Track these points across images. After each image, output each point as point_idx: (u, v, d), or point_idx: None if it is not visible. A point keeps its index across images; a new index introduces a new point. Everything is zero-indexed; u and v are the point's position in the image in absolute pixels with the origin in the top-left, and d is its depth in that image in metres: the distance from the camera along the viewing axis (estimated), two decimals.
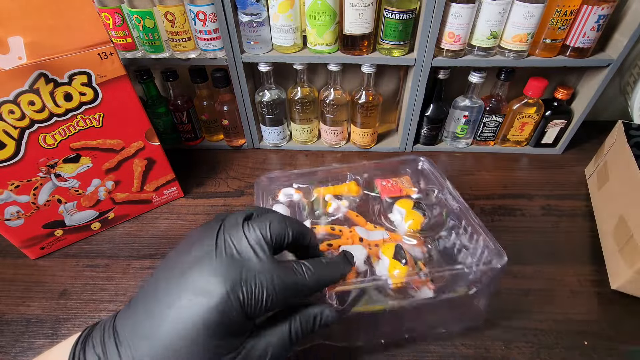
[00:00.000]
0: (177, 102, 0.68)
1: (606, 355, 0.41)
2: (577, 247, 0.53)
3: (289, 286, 0.25)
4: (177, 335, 0.22)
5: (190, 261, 0.24)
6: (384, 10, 0.56)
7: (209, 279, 0.23)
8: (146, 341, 0.22)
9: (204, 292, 0.23)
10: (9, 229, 0.48)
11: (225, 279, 0.23)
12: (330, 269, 0.29)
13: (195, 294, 0.23)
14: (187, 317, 0.22)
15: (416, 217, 0.43)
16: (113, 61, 0.45)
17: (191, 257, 0.25)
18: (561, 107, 0.66)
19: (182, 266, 0.24)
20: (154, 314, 0.23)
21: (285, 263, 0.27)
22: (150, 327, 0.23)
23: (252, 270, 0.24)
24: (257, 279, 0.24)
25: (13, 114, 0.41)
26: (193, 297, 0.23)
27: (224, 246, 0.25)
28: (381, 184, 0.48)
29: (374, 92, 0.66)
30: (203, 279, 0.23)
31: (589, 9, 0.54)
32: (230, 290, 0.23)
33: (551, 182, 0.65)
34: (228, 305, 0.23)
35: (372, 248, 0.40)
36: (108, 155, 0.51)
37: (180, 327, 0.22)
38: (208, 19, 0.56)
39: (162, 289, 0.24)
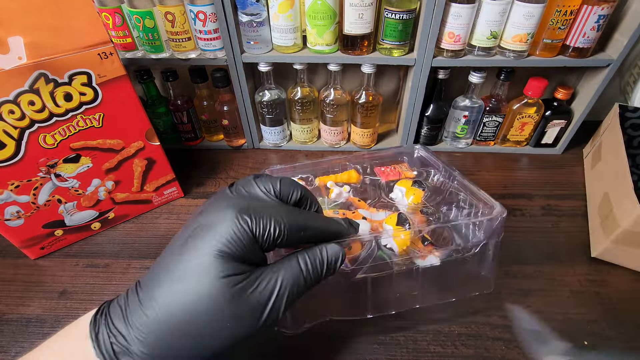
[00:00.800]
0: (177, 102, 0.68)
1: (606, 356, 0.41)
2: (578, 247, 0.53)
3: (298, 222, 0.26)
4: (189, 264, 0.23)
5: (208, 203, 0.27)
6: (384, 10, 0.56)
7: (220, 209, 0.25)
8: (163, 275, 0.23)
9: (214, 220, 0.24)
10: (9, 229, 0.48)
11: (235, 205, 0.24)
12: (336, 222, 0.30)
13: (207, 223, 0.24)
14: (199, 244, 0.23)
15: (416, 193, 0.45)
16: (113, 61, 0.45)
17: (209, 201, 0.27)
18: (561, 107, 0.66)
19: (200, 209, 0.27)
20: (174, 258, 0.24)
21: (292, 207, 0.28)
22: (168, 264, 0.24)
23: (261, 205, 0.26)
24: (265, 212, 0.25)
25: (13, 114, 0.41)
26: (205, 226, 0.24)
27: (235, 190, 0.27)
28: (380, 170, 0.49)
29: (374, 92, 0.66)
30: (215, 212, 0.25)
31: (589, 9, 0.54)
32: (238, 214, 0.24)
33: (551, 182, 0.65)
34: (237, 228, 0.23)
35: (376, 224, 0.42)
36: (108, 155, 0.51)
37: (192, 256, 0.23)
38: (208, 19, 0.56)
39: (182, 231, 0.26)
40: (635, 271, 0.49)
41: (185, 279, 0.23)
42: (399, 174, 0.48)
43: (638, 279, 0.49)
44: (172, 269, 0.23)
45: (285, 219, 0.25)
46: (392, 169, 0.49)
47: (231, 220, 0.24)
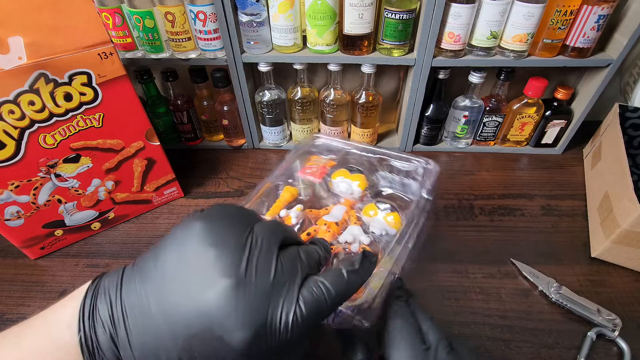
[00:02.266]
0: (177, 102, 0.68)
1: (606, 355, 0.41)
2: (578, 247, 0.53)
3: (312, 317, 0.23)
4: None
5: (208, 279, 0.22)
6: (384, 10, 0.56)
7: (235, 318, 0.21)
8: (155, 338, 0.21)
9: (228, 335, 0.21)
10: (9, 229, 0.48)
11: (252, 322, 0.21)
12: (353, 280, 0.26)
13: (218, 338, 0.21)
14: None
15: (359, 177, 0.46)
16: (113, 61, 0.45)
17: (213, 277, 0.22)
18: (561, 107, 0.66)
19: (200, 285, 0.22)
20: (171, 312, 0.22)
21: (313, 292, 0.24)
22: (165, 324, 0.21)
23: (279, 306, 0.22)
24: (283, 317, 0.22)
25: (13, 114, 0.41)
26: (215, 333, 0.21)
27: (254, 264, 0.22)
28: (305, 173, 0.48)
29: (374, 92, 0.66)
30: (228, 317, 0.21)
31: (589, 9, 0.54)
32: (255, 336, 0.21)
33: (551, 182, 0.65)
34: (250, 350, 0.21)
35: (352, 220, 0.43)
36: (108, 155, 0.51)
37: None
38: (208, 19, 0.56)
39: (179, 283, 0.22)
40: (635, 271, 0.49)
41: None
42: (324, 168, 0.48)
43: (638, 279, 0.49)
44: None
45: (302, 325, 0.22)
46: (315, 168, 0.48)
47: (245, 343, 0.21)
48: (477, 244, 0.54)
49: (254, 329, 0.21)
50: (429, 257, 0.52)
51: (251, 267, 0.22)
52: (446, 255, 0.52)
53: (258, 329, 0.21)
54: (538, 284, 0.47)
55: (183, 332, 0.21)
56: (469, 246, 0.54)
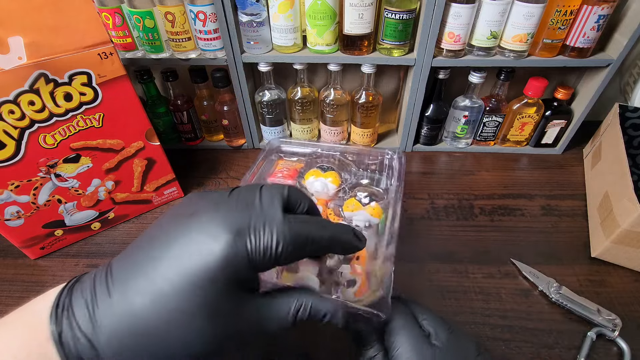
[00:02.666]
0: (177, 102, 0.68)
1: (606, 355, 0.41)
2: (578, 247, 0.53)
3: (301, 235, 0.24)
4: (177, 278, 0.21)
5: (202, 205, 0.24)
6: (384, 10, 0.56)
7: (217, 223, 0.22)
8: (143, 280, 0.21)
9: (210, 236, 0.22)
10: (9, 229, 0.48)
11: (233, 223, 0.22)
12: (345, 229, 0.28)
13: (201, 238, 0.22)
14: (189, 259, 0.21)
15: (332, 175, 0.47)
16: (113, 61, 0.45)
17: (203, 202, 0.24)
18: (561, 107, 0.66)
19: (193, 208, 0.24)
20: (154, 255, 0.22)
21: (298, 216, 0.25)
22: (151, 268, 0.21)
23: (262, 217, 0.23)
24: (267, 226, 0.23)
25: (13, 114, 0.41)
26: (198, 240, 0.22)
27: (237, 196, 0.24)
28: (276, 177, 0.49)
29: (374, 92, 0.66)
30: (211, 223, 0.22)
31: (589, 9, 0.54)
32: (237, 235, 0.22)
33: (551, 182, 0.65)
34: (233, 251, 0.21)
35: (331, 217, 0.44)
36: (108, 155, 0.51)
37: (180, 268, 0.21)
38: (208, 19, 0.56)
39: (168, 230, 0.23)
40: (635, 271, 0.49)
41: (175, 285, 0.21)
42: (295, 171, 0.49)
43: (638, 279, 0.49)
44: (151, 274, 0.21)
45: (288, 236, 0.23)
46: (286, 171, 0.49)
47: (227, 241, 0.21)
48: (477, 244, 0.54)
49: (235, 229, 0.22)
50: (429, 257, 0.52)
51: (234, 195, 0.25)
52: (446, 255, 0.52)
53: (240, 230, 0.22)
54: (538, 284, 0.47)
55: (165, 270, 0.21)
56: (469, 246, 0.54)
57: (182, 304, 0.21)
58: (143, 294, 0.21)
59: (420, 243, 0.54)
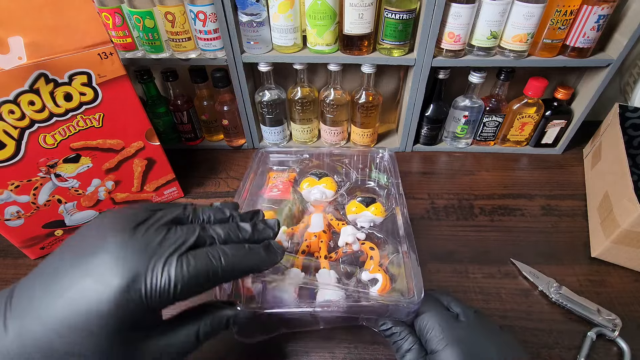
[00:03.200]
0: (177, 102, 0.68)
1: (606, 355, 0.41)
2: (578, 247, 0.53)
3: (200, 274, 0.24)
4: (69, 320, 0.21)
5: (107, 241, 0.23)
6: (384, 10, 0.56)
7: (113, 269, 0.22)
8: (37, 319, 0.21)
9: (103, 284, 0.21)
10: (9, 229, 0.48)
11: (129, 269, 0.22)
12: (251, 256, 0.27)
13: (94, 285, 0.21)
14: (82, 303, 0.21)
15: (327, 181, 0.47)
16: (113, 61, 0.45)
17: (108, 237, 0.23)
18: (561, 107, 0.66)
19: (97, 241, 0.23)
20: (50, 290, 0.22)
21: (199, 253, 0.25)
22: (45, 305, 0.21)
23: (162, 260, 0.23)
24: (164, 270, 0.23)
25: (13, 114, 0.41)
26: (91, 286, 0.21)
27: (144, 232, 0.24)
28: (271, 193, 0.48)
29: (374, 92, 0.66)
30: (108, 268, 0.22)
31: (589, 9, 0.54)
32: (131, 281, 0.22)
33: (551, 182, 0.65)
34: (125, 297, 0.21)
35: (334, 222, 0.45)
36: (108, 155, 0.51)
37: (73, 312, 0.21)
38: (208, 19, 0.56)
39: (66, 264, 0.23)
40: (635, 271, 0.49)
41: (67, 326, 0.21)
42: (289, 184, 0.49)
43: (638, 279, 0.49)
44: (54, 302, 0.21)
45: (186, 276, 0.23)
46: (281, 185, 0.49)
47: (120, 288, 0.21)
48: (477, 244, 0.54)
49: (130, 276, 0.22)
50: (429, 257, 0.52)
51: (140, 230, 0.24)
52: (446, 255, 0.52)
53: (136, 276, 0.22)
54: (538, 284, 0.47)
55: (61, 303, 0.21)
56: (469, 246, 0.54)
57: (74, 347, 0.21)
58: (35, 336, 0.21)
59: (420, 243, 0.54)
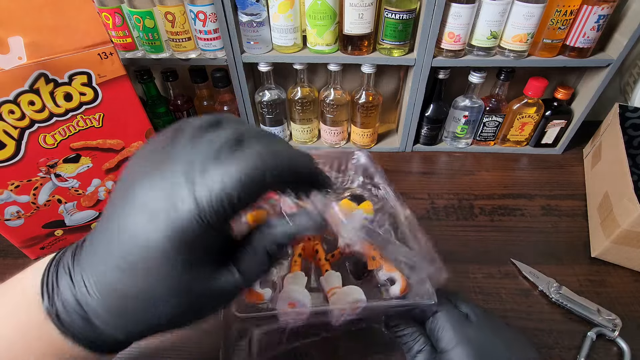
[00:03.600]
0: (177, 102, 0.68)
1: (606, 355, 0.41)
2: (578, 247, 0.53)
3: (258, 168, 0.20)
4: (132, 252, 0.19)
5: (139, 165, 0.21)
6: (384, 10, 0.56)
7: (159, 194, 0.19)
8: (99, 259, 0.21)
9: (150, 211, 0.19)
10: (9, 229, 0.48)
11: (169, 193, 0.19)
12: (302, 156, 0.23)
13: (149, 210, 0.19)
14: (141, 235, 0.19)
15: (365, 205, 0.46)
16: (113, 61, 0.45)
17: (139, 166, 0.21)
18: (561, 107, 0.66)
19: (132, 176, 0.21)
20: (110, 227, 0.21)
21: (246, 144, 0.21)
22: (106, 244, 0.21)
23: (210, 156, 0.20)
24: (209, 172, 0.19)
25: (13, 114, 0.41)
26: (146, 213, 0.19)
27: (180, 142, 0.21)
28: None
29: (374, 92, 0.66)
30: (154, 194, 0.19)
31: (589, 9, 0.54)
32: (178, 202, 0.19)
33: (551, 182, 0.65)
34: (179, 222, 0.19)
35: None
36: (108, 155, 0.51)
37: (134, 244, 0.19)
38: (208, 19, 0.56)
39: (119, 202, 0.21)
40: (635, 271, 0.49)
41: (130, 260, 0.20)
42: None
43: (638, 279, 0.49)
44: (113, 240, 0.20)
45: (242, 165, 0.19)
46: None
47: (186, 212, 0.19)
48: (477, 244, 0.54)
49: (174, 191, 0.19)
50: None
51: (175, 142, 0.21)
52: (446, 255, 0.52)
53: (178, 190, 0.19)
54: (538, 284, 0.47)
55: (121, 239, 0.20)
56: (469, 246, 0.54)
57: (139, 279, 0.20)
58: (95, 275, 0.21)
59: None
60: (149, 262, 0.19)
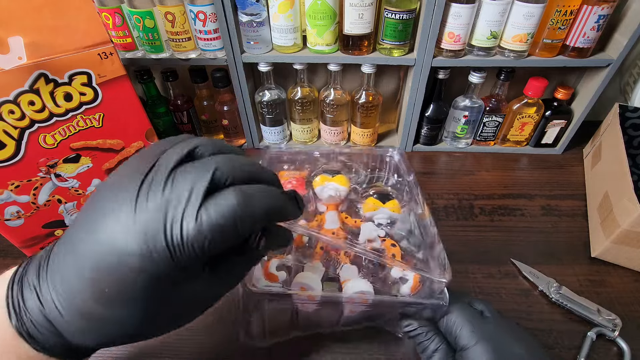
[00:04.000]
0: (177, 102, 0.68)
1: (606, 355, 0.41)
2: (578, 247, 0.53)
3: (225, 223, 0.20)
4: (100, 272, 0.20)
5: (110, 199, 0.21)
6: (384, 10, 0.56)
7: (125, 234, 0.19)
8: (67, 282, 0.20)
9: (120, 249, 0.19)
10: (9, 229, 0.48)
11: (143, 236, 0.19)
12: (278, 198, 0.23)
13: (113, 250, 0.19)
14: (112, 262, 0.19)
15: (339, 179, 0.46)
16: (113, 61, 0.45)
17: (111, 196, 0.21)
18: (561, 107, 0.66)
19: (102, 204, 0.21)
20: (78, 250, 0.20)
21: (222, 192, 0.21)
22: (73, 265, 0.20)
23: (177, 217, 0.19)
24: (182, 227, 0.19)
25: (13, 114, 0.41)
26: (110, 253, 0.19)
27: (148, 188, 0.20)
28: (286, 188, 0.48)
29: (374, 92, 0.66)
30: (120, 232, 0.19)
31: (589, 9, 0.54)
32: (152, 246, 0.19)
33: (551, 182, 0.65)
34: (150, 261, 0.19)
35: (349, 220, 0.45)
36: (108, 155, 0.51)
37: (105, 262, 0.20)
38: (208, 19, 0.56)
39: (81, 229, 0.21)
40: (635, 271, 0.49)
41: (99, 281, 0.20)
42: (301, 179, 0.48)
43: (638, 279, 0.49)
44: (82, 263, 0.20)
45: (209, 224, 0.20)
46: (295, 179, 0.48)
47: (141, 255, 0.19)
48: (477, 244, 0.54)
49: (148, 236, 0.19)
50: None
51: (146, 185, 0.20)
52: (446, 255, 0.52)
53: (153, 236, 0.19)
54: (538, 284, 0.47)
55: (88, 265, 0.20)
56: (469, 246, 0.54)
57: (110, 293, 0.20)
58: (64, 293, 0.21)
59: None
60: (119, 284, 0.20)
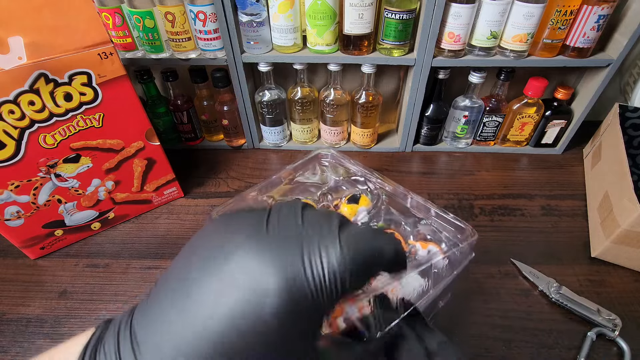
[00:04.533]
0: (177, 102, 0.68)
1: (606, 355, 0.41)
2: (578, 247, 0.53)
3: (367, 254, 0.19)
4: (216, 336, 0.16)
5: (228, 239, 0.18)
6: (384, 10, 0.56)
7: (261, 266, 0.17)
8: (171, 343, 0.17)
9: (254, 287, 0.17)
10: (9, 229, 0.48)
11: (280, 267, 0.17)
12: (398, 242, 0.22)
13: (243, 289, 0.17)
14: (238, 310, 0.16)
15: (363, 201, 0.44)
16: (113, 61, 0.45)
17: (236, 236, 0.19)
18: (561, 107, 0.66)
19: (225, 247, 0.18)
20: (184, 309, 0.17)
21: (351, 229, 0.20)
22: (180, 328, 0.17)
23: (316, 242, 0.18)
24: (322, 254, 0.18)
25: (13, 114, 0.41)
26: (239, 292, 0.17)
27: (277, 221, 0.19)
28: None
29: (374, 92, 0.66)
30: (256, 267, 0.17)
31: (589, 9, 0.54)
32: (291, 279, 0.17)
33: (551, 182, 0.65)
34: (290, 298, 0.17)
35: None
36: (108, 155, 0.51)
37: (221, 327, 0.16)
38: (208, 19, 0.56)
39: (200, 280, 0.18)
40: (635, 271, 0.49)
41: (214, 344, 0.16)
42: None
43: (638, 279, 0.49)
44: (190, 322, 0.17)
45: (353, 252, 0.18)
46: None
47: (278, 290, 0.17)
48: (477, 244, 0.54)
49: (287, 274, 0.17)
50: None
51: (273, 221, 0.19)
52: None
53: (294, 273, 0.17)
54: (538, 284, 0.47)
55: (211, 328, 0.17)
56: None
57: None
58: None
59: None
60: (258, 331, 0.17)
